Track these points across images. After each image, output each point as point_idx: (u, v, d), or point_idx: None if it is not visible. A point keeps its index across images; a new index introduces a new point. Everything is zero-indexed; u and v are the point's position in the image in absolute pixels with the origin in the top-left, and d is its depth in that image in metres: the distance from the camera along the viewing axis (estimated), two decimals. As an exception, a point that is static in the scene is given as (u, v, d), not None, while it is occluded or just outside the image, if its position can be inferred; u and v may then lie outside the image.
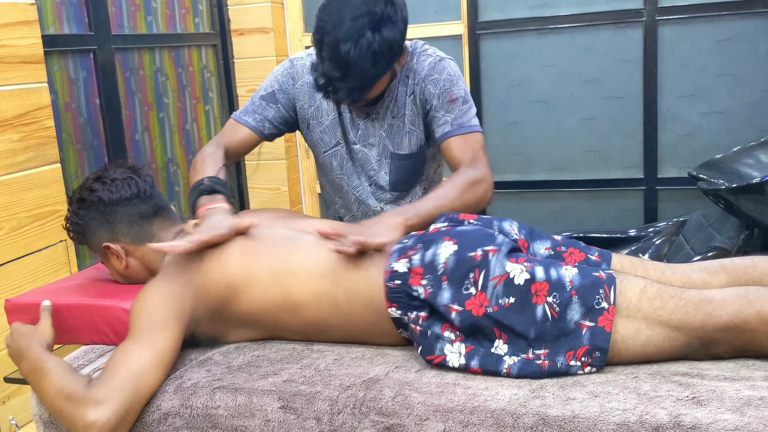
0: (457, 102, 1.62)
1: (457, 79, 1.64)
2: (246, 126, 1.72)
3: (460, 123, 1.62)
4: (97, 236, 1.40)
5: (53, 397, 1.14)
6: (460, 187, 1.50)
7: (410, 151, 1.71)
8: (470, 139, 1.61)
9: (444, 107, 1.62)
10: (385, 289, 1.24)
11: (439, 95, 1.62)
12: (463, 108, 1.63)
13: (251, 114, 1.73)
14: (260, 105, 1.73)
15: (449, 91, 1.62)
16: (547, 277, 1.17)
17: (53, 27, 2.19)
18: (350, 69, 1.45)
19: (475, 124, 1.63)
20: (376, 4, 1.44)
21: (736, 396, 1.04)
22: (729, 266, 1.30)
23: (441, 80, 1.63)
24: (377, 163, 1.74)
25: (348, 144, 1.74)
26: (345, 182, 1.79)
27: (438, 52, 1.68)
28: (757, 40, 2.73)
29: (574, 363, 1.14)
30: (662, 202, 2.93)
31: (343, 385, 1.17)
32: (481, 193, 1.54)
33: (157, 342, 1.19)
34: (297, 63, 1.73)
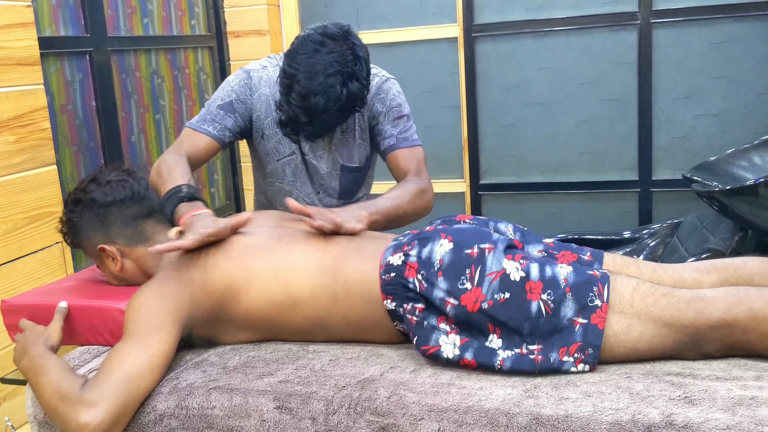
0: (403, 119, 1.78)
1: (401, 98, 1.80)
2: (207, 135, 1.73)
3: (404, 137, 1.78)
4: (92, 238, 1.41)
5: (49, 395, 1.15)
6: (412, 192, 1.65)
7: (359, 163, 1.83)
8: (415, 152, 1.78)
9: (390, 123, 1.77)
10: (380, 281, 1.25)
11: (386, 113, 1.77)
12: (407, 124, 1.79)
13: (210, 123, 1.74)
14: (218, 114, 1.75)
15: (396, 109, 1.78)
16: (541, 276, 1.19)
17: (49, 29, 2.20)
18: (317, 117, 1.56)
19: (417, 139, 1.81)
20: (346, 63, 1.55)
21: (728, 395, 1.05)
22: (720, 266, 1.31)
23: (388, 99, 1.77)
24: (327, 174, 1.82)
25: (303, 153, 1.80)
26: (297, 189, 1.85)
27: (382, 72, 1.80)
28: (752, 43, 2.74)
29: (567, 359, 1.15)
30: (657, 204, 2.94)
31: (338, 385, 1.17)
32: (426, 201, 1.70)
33: (152, 344, 1.19)
34: (254, 75, 1.77)
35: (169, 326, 1.22)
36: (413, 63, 3.12)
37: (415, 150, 1.79)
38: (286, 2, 3.19)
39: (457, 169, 3.17)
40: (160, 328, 1.21)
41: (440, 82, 3.11)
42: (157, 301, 1.24)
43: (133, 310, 1.24)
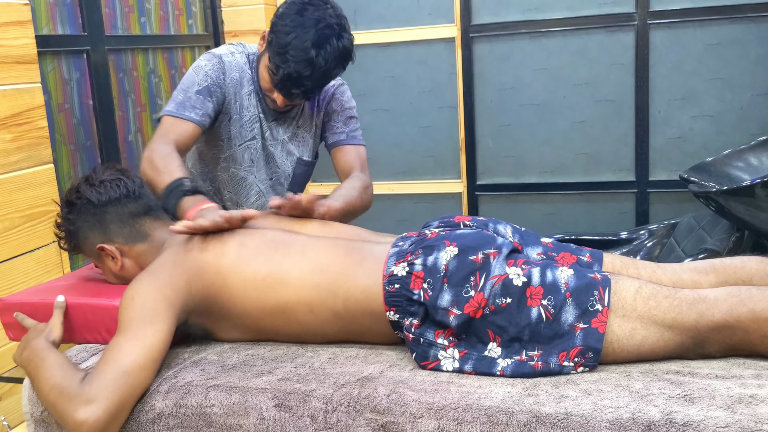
0: (354, 120, 1.93)
1: (353, 103, 1.95)
2: (191, 121, 1.72)
3: (354, 135, 1.92)
4: (90, 239, 1.40)
5: (49, 389, 1.14)
6: (359, 189, 1.74)
7: (310, 158, 1.96)
8: (360, 150, 1.91)
9: (343, 121, 1.91)
10: (383, 293, 1.24)
11: (340, 111, 1.91)
12: (356, 126, 1.93)
13: (191, 109, 1.73)
14: (198, 99, 1.74)
15: (350, 110, 1.92)
16: (542, 281, 1.18)
17: (47, 27, 2.19)
18: (318, 69, 1.65)
19: (361, 139, 1.94)
20: (334, 19, 1.67)
21: (727, 394, 1.05)
22: (719, 266, 1.31)
23: (343, 100, 1.92)
24: (282, 163, 1.92)
25: (263, 139, 1.88)
26: (253, 174, 1.89)
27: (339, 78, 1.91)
28: (747, 45, 2.75)
29: (567, 363, 1.14)
30: (653, 205, 2.95)
31: (337, 383, 1.17)
32: (370, 196, 1.81)
33: (147, 336, 1.18)
34: (225, 59, 1.80)
35: (164, 316, 1.21)
36: (410, 63, 3.12)
37: (360, 149, 1.92)
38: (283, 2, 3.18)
39: (454, 170, 3.17)
40: (155, 318, 1.20)
41: (437, 83, 3.11)
42: (151, 290, 1.23)
43: (127, 300, 1.22)
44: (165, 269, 1.27)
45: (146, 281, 1.25)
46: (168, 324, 1.21)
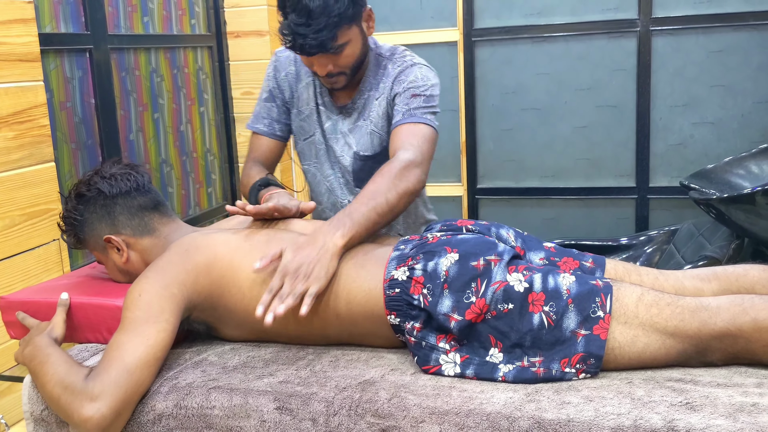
0: (418, 98, 1.64)
1: (424, 81, 1.67)
2: (260, 133, 1.83)
3: (412, 113, 1.63)
4: (97, 230, 1.40)
5: (53, 385, 1.14)
6: (392, 175, 1.44)
7: (373, 152, 1.75)
8: (418, 128, 1.60)
9: (404, 101, 1.65)
10: (384, 297, 1.24)
11: (402, 93, 1.66)
12: (423, 104, 1.64)
13: (260, 119, 1.82)
14: (264, 107, 1.82)
15: (413, 88, 1.66)
16: (543, 287, 1.18)
17: (50, 26, 2.19)
18: (312, 12, 1.51)
19: (428, 119, 1.62)
20: None
21: (729, 402, 1.05)
22: (721, 274, 1.31)
23: (407, 80, 1.67)
24: (341, 158, 1.79)
25: (324, 133, 1.79)
26: (319, 171, 1.84)
27: (416, 58, 1.73)
28: (749, 52, 2.76)
29: (568, 370, 1.14)
30: (654, 211, 2.95)
31: (339, 386, 1.17)
32: (413, 179, 1.47)
33: (151, 335, 1.18)
34: (280, 55, 1.80)
35: (169, 314, 1.21)
36: (412, 66, 3.12)
37: (419, 127, 1.60)
38: (286, 3, 3.18)
39: (455, 173, 3.17)
40: (160, 317, 1.20)
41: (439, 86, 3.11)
42: (159, 288, 1.23)
43: (134, 297, 1.22)
44: (173, 266, 1.27)
45: (154, 279, 1.25)
46: (172, 323, 1.21)
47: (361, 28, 1.63)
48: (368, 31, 1.66)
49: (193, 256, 1.29)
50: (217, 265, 1.29)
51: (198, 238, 1.33)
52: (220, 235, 1.36)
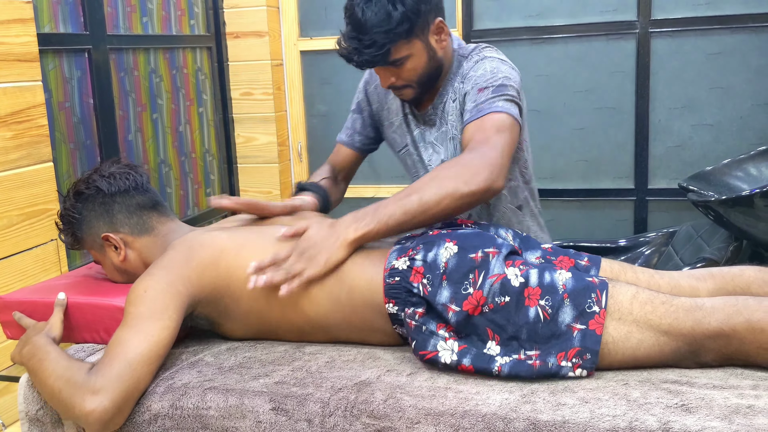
0: (486, 90, 1.49)
1: (493, 74, 1.51)
2: (341, 143, 1.86)
3: (479, 108, 1.46)
4: (95, 228, 1.40)
5: (53, 380, 1.14)
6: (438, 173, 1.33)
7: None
8: (485, 120, 1.43)
9: (472, 99, 1.51)
10: (384, 284, 1.25)
11: (470, 90, 1.53)
12: (491, 95, 1.48)
13: (345, 130, 1.86)
14: (351, 119, 1.85)
15: (480, 84, 1.51)
16: (540, 282, 1.19)
17: (49, 26, 2.19)
18: (363, 27, 1.48)
19: (497, 106, 1.44)
20: None
21: (725, 404, 1.05)
22: (717, 274, 1.32)
23: (475, 76, 1.54)
24: (431, 168, 1.70)
25: (415, 143, 1.73)
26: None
27: (491, 52, 1.61)
28: (748, 55, 2.76)
29: (565, 364, 1.15)
30: (652, 213, 2.95)
31: (334, 387, 1.17)
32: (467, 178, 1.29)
33: (155, 332, 1.18)
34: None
35: (173, 312, 1.22)
36: (411, 67, 3.12)
37: (485, 119, 1.43)
38: (286, 4, 3.19)
39: (454, 175, 3.17)
40: (164, 314, 1.20)
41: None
42: (164, 285, 1.23)
43: (139, 293, 1.22)
44: (177, 263, 1.28)
45: (159, 275, 1.25)
46: (176, 320, 1.22)
47: (427, 43, 1.56)
48: (439, 44, 1.59)
49: (197, 252, 1.29)
50: (223, 258, 1.30)
51: (201, 235, 1.34)
52: (224, 232, 1.37)
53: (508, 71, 1.54)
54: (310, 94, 3.26)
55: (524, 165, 1.69)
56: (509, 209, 1.67)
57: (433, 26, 1.56)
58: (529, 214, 1.74)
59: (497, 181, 1.32)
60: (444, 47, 1.61)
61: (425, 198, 1.29)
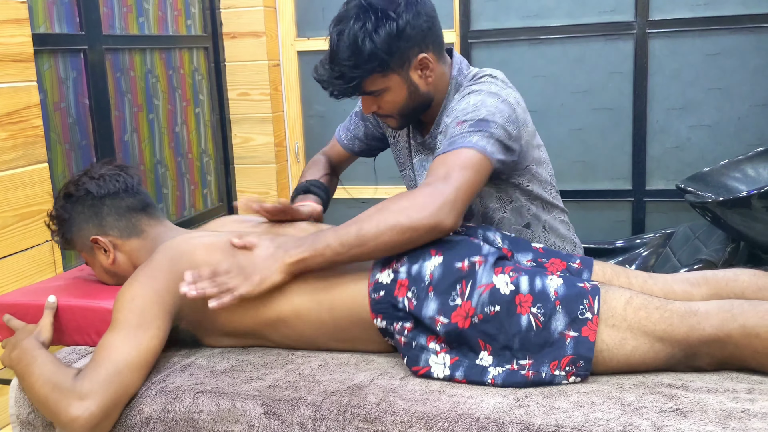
0: (464, 124, 1.40)
1: (476, 107, 1.42)
2: (339, 142, 1.86)
3: (451, 141, 1.38)
4: (84, 230, 1.39)
5: (40, 385, 1.14)
6: (385, 205, 1.25)
7: None
8: (451, 155, 1.34)
9: (449, 133, 1.42)
10: (369, 300, 1.23)
11: (450, 123, 1.45)
12: (467, 129, 1.39)
13: (345, 131, 1.84)
14: (353, 122, 1.84)
15: (460, 117, 1.42)
16: (531, 289, 1.18)
17: (44, 26, 2.18)
18: (334, 57, 1.44)
19: (468, 141, 1.35)
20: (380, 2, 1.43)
21: (720, 408, 1.05)
22: (711, 278, 1.31)
23: (458, 110, 1.46)
24: None
25: (414, 169, 1.71)
26: None
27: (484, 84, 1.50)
28: (746, 55, 2.75)
29: (558, 372, 1.14)
30: (650, 214, 2.94)
31: (327, 390, 1.16)
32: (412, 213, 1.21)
33: (144, 340, 1.18)
34: None
35: (161, 321, 1.21)
36: (409, 68, 3.11)
37: (453, 153, 1.33)
38: (283, 4, 3.18)
39: (451, 175, 3.16)
40: (152, 323, 1.20)
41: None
42: (151, 294, 1.22)
43: (126, 300, 1.21)
44: (162, 273, 1.26)
45: (146, 284, 1.24)
46: (164, 330, 1.22)
47: (407, 78, 1.49)
48: (424, 80, 1.52)
49: (177, 263, 1.28)
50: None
51: (182, 244, 1.32)
52: (205, 239, 1.34)
53: (496, 105, 1.44)
54: (307, 95, 3.25)
55: (528, 187, 1.61)
56: (515, 230, 1.62)
57: (416, 61, 1.49)
58: (542, 228, 1.65)
59: (446, 219, 1.23)
60: (431, 82, 1.54)
61: (364, 230, 1.22)
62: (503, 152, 1.42)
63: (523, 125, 1.51)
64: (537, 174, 1.62)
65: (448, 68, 1.60)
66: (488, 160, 1.36)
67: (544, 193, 1.66)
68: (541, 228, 1.66)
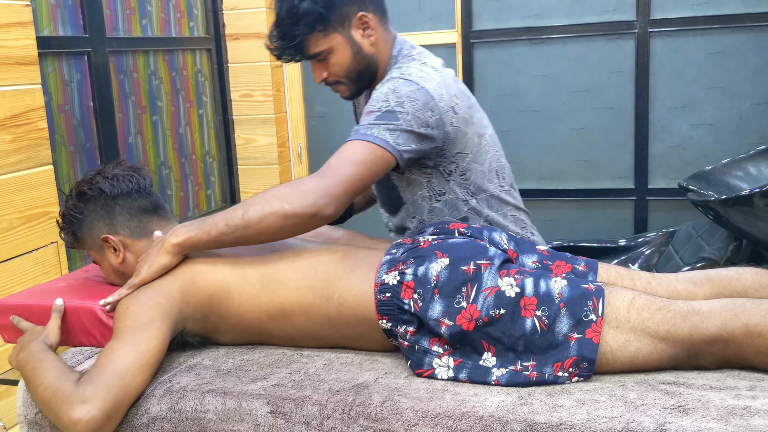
0: (371, 115, 1.42)
1: (386, 97, 1.43)
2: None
3: (356, 130, 1.42)
4: (95, 229, 1.41)
5: (44, 389, 1.14)
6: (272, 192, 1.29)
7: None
8: (350, 146, 1.37)
9: (360, 119, 1.46)
10: (375, 301, 1.24)
11: (364, 111, 1.46)
12: (372, 121, 1.41)
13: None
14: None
15: (369, 107, 1.44)
16: (535, 292, 1.18)
17: (48, 29, 2.19)
18: (277, 20, 1.52)
19: (369, 134, 1.38)
20: None
21: (721, 405, 1.05)
22: (714, 277, 1.31)
23: (373, 96, 1.47)
24: None
25: None
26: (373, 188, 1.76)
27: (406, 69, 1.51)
28: (747, 54, 2.76)
29: (561, 374, 1.14)
30: (652, 213, 2.95)
31: (332, 389, 1.17)
32: (293, 202, 1.26)
33: (143, 341, 1.18)
34: None
35: (160, 322, 1.22)
36: (411, 68, 3.12)
37: (350, 145, 1.37)
38: None
39: (454, 175, 3.17)
40: (150, 325, 1.21)
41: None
42: (144, 299, 1.24)
43: (122, 311, 1.24)
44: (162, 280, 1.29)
45: (145, 289, 1.28)
46: (163, 330, 1.22)
47: (349, 37, 1.54)
48: (366, 39, 1.55)
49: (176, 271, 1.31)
50: (199, 274, 1.30)
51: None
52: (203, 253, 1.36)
53: (409, 94, 1.43)
54: (309, 96, 3.26)
55: (463, 177, 1.58)
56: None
57: (355, 19, 1.53)
58: (484, 223, 1.62)
59: (325, 209, 1.28)
60: (373, 42, 1.56)
61: (249, 214, 1.27)
62: (416, 141, 1.43)
63: (447, 112, 1.49)
64: (474, 164, 1.58)
65: (392, 42, 1.62)
66: (388, 154, 1.38)
67: (490, 186, 1.62)
68: (482, 224, 1.62)
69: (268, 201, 1.27)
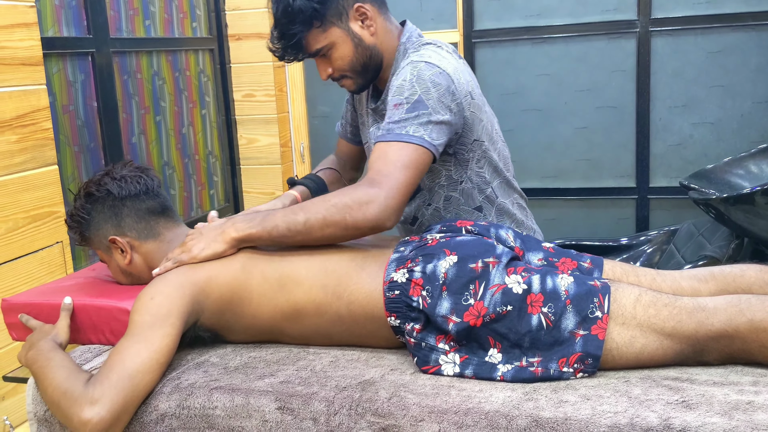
0: (400, 108, 1.41)
1: (411, 84, 1.42)
2: (337, 133, 1.86)
3: (389, 128, 1.40)
4: (102, 230, 1.41)
5: (53, 389, 1.15)
6: (335, 200, 1.31)
7: None
8: (391, 149, 1.36)
9: (388, 114, 1.43)
10: (384, 299, 1.25)
11: (390, 102, 1.45)
12: (404, 115, 1.40)
13: (340, 119, 1.84)
14: (344, 108, 1.83)
15: (396, 98, 1.43)
16: (542, 289, 1.19)
17: (52, 29, 2.21)
18: (275, 21, 1.52)
19: (406, 134, 1.37)
20: None
21: (725, 400, 1.06)
22: (718, 274, 1.32)
23: (395, 86, 1.46)
24: None
25: (370, 139, 1.69)
26: None
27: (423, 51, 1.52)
28: (748, 53, 2.77)
29: (566, 369, 1.15)
30: (654, 211, 2.96)
31: (339, 386, 1.18)
32: (356, 214, 1.29)
33: (155, 341, 1.19)
34: None
35: (175, 319, 1.22)
36: (413, 68, 3.13)
37: (394, 146, 1.36)
38: (287, 6, 3.20)
39: (456, 174, 3.18)
40: (166, 322, 1.21)
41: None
42: (171, 291, 1.25)
43: (146, 300, 1.24)
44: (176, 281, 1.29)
45: (169, 278, 1.28)
46: (177, 326, 1.23)
47: (348, 29, 1.53)
48: (366, 30, 1.54)
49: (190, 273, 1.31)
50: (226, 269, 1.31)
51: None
52: None
53: (432, 78, 1.43)
54: (312, 96, 3.27)
55: (479, 165, 1.59)
56: (465, 211, 1.63)
57: (352, 11, 1.53)
58: (496, 212, 1.64)
59: (387, 221, 1.32)
60: (374, 32, 1.56)
61: (311, 221, 1.31)
62: (445, 133, 1.44)
63: (466, 96, 1.50)
64: (489, 151, 1.59)
65: (396, 30, 1.62)
66: (428, 152, 1.40)
67: (501, 174, 1.64)
68: (494, 212, 1.64)
69: (329, 211, 1.31)
